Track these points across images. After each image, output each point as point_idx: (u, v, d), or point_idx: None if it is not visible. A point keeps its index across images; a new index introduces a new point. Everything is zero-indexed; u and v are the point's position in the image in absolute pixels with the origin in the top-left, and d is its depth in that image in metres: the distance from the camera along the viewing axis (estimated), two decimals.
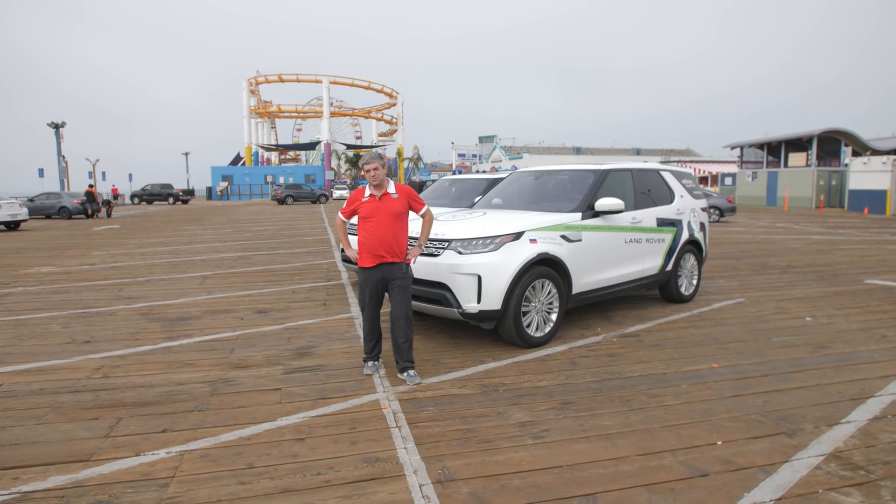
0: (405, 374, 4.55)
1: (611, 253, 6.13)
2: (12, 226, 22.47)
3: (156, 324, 6.58)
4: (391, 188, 4.58)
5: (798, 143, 32.87)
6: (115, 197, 50.95)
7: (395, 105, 72.52)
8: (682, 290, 7.29)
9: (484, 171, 61.15)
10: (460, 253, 5.16)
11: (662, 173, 7.32)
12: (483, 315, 5.11)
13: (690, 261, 7.43)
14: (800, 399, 4.10)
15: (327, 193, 49.38)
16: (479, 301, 5.07)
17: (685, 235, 7.22)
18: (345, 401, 4.17)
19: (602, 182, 6.25)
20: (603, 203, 5.87)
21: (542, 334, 5.45)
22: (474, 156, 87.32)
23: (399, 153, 71.42)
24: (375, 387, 4.43)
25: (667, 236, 6.93)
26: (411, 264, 4.69)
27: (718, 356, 5.12)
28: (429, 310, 5.43)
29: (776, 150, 34.69)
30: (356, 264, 4.68)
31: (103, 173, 50.71)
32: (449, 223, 5.65)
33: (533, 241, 5.31)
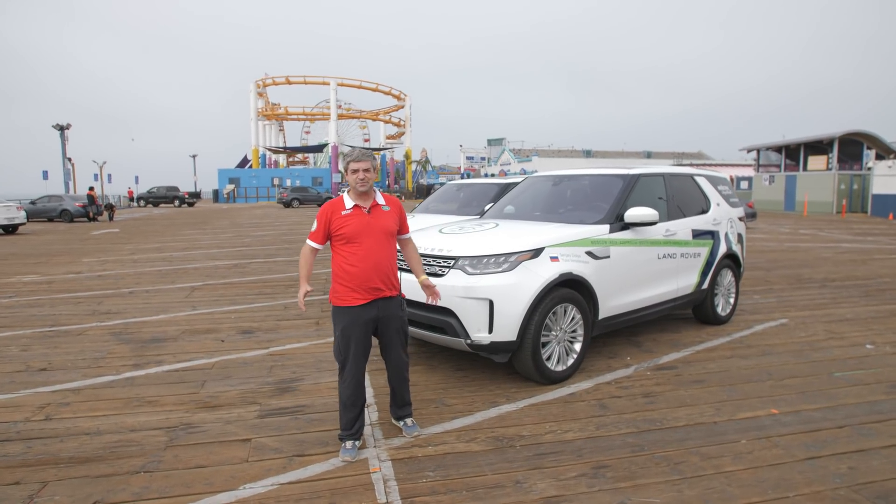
0: (402, 422, 3.77)
1: (642, 271, 5.33)
2: (10, 229, 21.91)
3: (126, 346, 5.84)
4: (379, 198, 3.56)
5: (818, 146, 31.81)
6: (131, 199, 50.69)
7: (403, 107, 71.85)
8: (719, 310, 6.46)
9: (492, 175, 60.34)
10: (469, 273, 4.37)
11: (697, 178, 6.50)
12: (495, 347, 4.32)
13: (728, 277, 6.60)
14: (894, 464, 3.28)
15: (334, 196, 48.69)
16: (490, 330, 4.28)
17: (723, 249, 6.39)
18: (326, 459, 3.39)
19: (632, 189, 5.44)
20: (634, 213, 5.07)
21: (564, 368, 4.65)
22: (483, 158, 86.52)
23: (407, 156, 70.78)
24: (365, 439, 3.65)
25: (703, 250, 6.11)
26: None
27: (776, 397, 4.29)
28: (431, 338, 4.65)
29: (794, 153, 33.63)
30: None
31: (109, 175, 50.40)
32: (456, 236, 4.87)
33: (554, 258, 4.51)
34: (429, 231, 5.35)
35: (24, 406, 4.27)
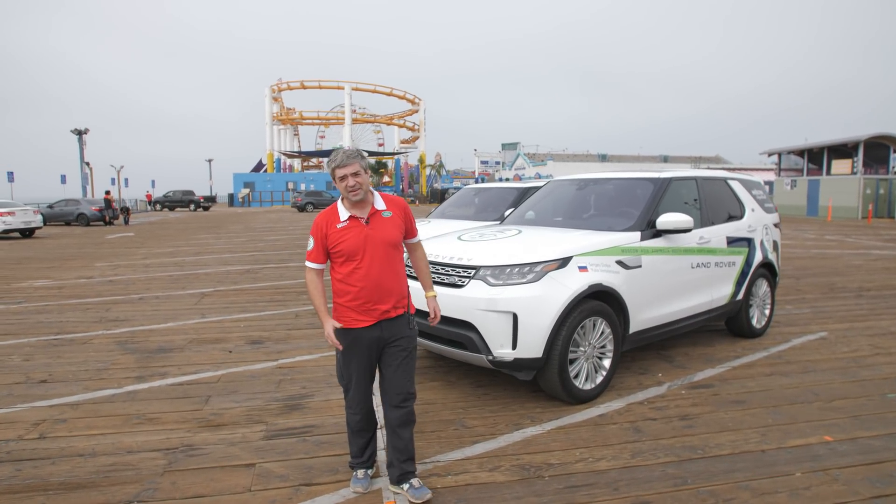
0: (405, 484, 3.00)
1: (675, 281, 4.98)
2: (27, 233, 22.01)
3: (131, 356, 5.61)
4: (378, 202, 3.00)
5: (842, 150, 31.04)
6: (149, 203, 51.19)
7: (417, 112, 71.82)
8: (754, 322, 6.07)
9: (507, 179, 59.95)
10: (490, 284, 4.05)
11: (730, 182, 6.14)
12: (519, 364, 4.00)
13: (763, 287, 6.22)
14: None
15: None
16: (514, 346, 3.96)
17: (758, 257, 6.01)
18: (335, 489, 3.09)
19: (663, 193, 5.10)
20: (668, 220, 4.72)
21: (593, 386, 4.31)
22: (497, 163, 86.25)
23: (421, 160, 70.66)
24: (378, 465, 3.34)
25: (738, 259, 5.74)
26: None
27: (827, 422, 3.92)
28: (449, 353, 4.34)
29: (817, 157, 32.88)
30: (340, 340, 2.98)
31: (126, 180, 50.81)
32: (476, 244, 4.56)
33: (583, 268, 4.18)
34: (447, 238, 5.05)
35: (19, 422, 4.04)
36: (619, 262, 4.43)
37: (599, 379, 4.36)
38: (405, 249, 3.16)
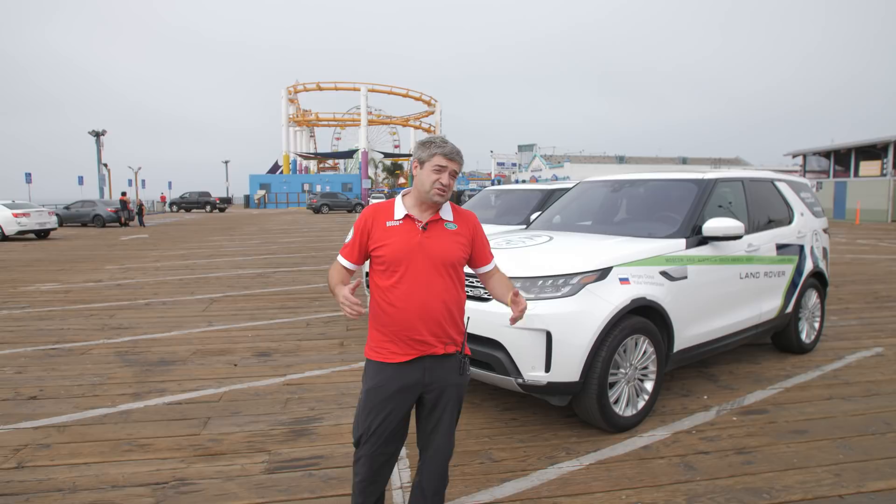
0: None
1: (723, 293, 4.49)
2: (41, 234, 21.95)
3: (129, 370, 5.24)
4: (446, 212, 2.38)
5: (870, 151, 30.08)
6: (164, 204, 51.53)
7: (433, 113, 71.55)
8: (803, 337, 5.55)
9: (523, 181, 59.40)
10: None
11: (778, 184, 5.63)
12: (554, 388, 3.54)
13: (813, 298, 5.69)
14: None
15: (363, 202, 48.55)
16: (547, 368, 3.50)
17: (808, 266, 5.49)
18: None
19: (709, 196, 4.61)
20: (716, 226, 4.23)
21: (634, 412, 3.84)
22: (514, 165, 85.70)
23: None
24: None
25: (787, 268, 5.23)
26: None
27: None
28: (474, 374, 3.89)
29: (844, 159, 31.93)
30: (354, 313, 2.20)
31: (143, 181, 51.04)
32: (503, 252, 4.10)
33: (624, 280, 3.71)
34: None
35: None
36: (664, 273, 3.96)
37: (641, 404, 3.89)
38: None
